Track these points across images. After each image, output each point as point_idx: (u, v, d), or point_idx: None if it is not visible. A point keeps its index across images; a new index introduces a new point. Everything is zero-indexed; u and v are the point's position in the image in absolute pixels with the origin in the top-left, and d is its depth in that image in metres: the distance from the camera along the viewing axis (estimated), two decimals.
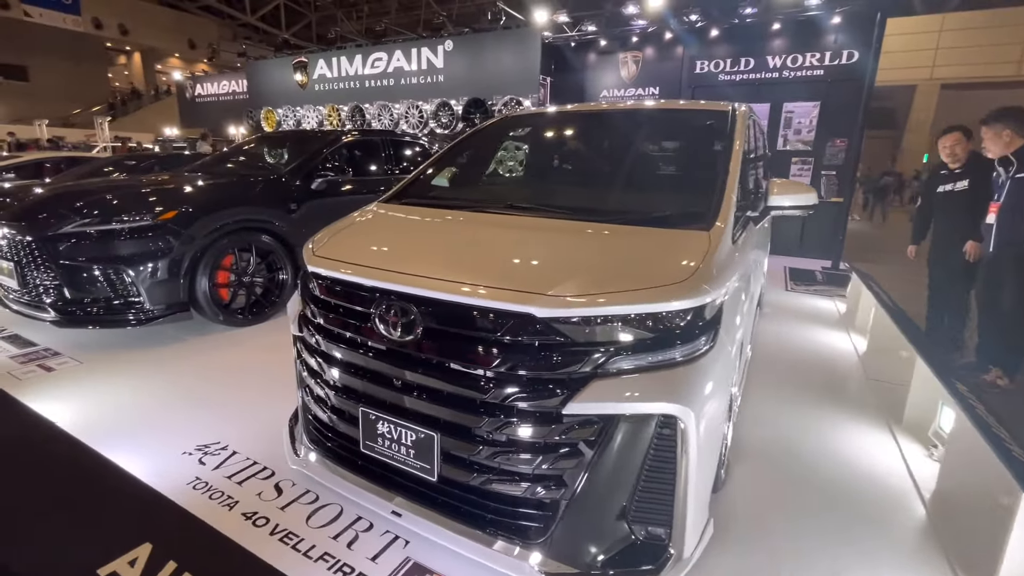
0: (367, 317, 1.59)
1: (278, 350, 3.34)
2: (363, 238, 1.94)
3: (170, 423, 2.40)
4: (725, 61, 8.09)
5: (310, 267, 1.78)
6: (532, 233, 1.78)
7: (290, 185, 4.06)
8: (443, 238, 1.84)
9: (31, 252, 3.15)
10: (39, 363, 3.02)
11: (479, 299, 1.39)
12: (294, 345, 2.15)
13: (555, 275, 1.43)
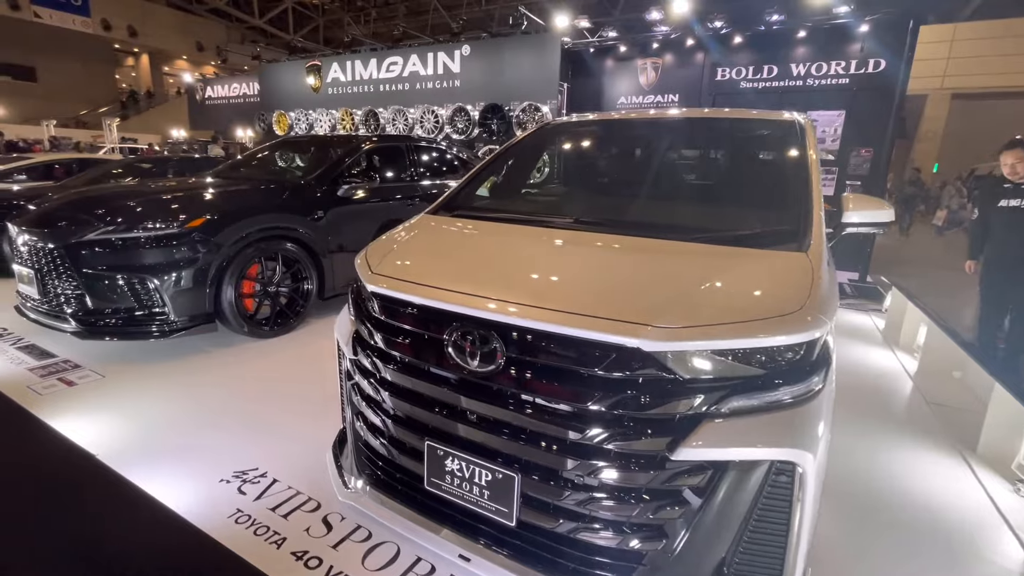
0: (439, 344, 1.45)
1: (307, 364, 3.21)
2: (427, 255, 1.81)
3: (202, 446, 2.26)
4: (747, 68, 7.98)
5: (370, 286, 1.65)
6: (614, 253, 1.64)
7: (316, 192, 3.93)
8: (516, 257, 1.70)
9: (53, 260, 3.03)
10: (59, 376, 2.89)
11: (577, 329, 1.25)
12: (339, 364, 2.03)
13: (658, 303, 1.30)
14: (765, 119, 2.41)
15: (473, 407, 1.42)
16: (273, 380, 2.97)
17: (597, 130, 2.81)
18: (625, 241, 1.70)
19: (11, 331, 3.54)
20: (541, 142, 2.97)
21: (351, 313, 1.85)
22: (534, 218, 2.03)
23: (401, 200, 4.66)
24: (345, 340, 1.80)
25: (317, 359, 3.28)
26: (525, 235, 1.87)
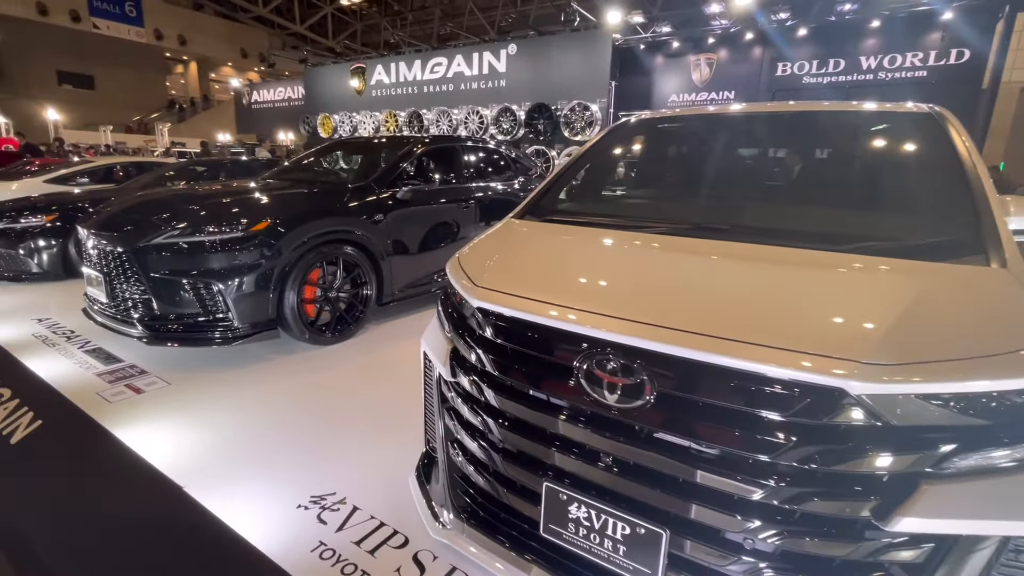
0: (566, 371, 1.25)
1: (374, 374, 3.07)
2: (537, 266, 1.61)
3: (274, 465, 2.13)
4: (811, 62, 7.54)
5: (476, 301, 1.46)
6: (766, 266, 1.40)
7: (376, 194, 3.81)
8: (647, 269, 1.48)
9: (121, 264, 2.99)
10: (127, 383, 2.83)
11: (758, 364, 1.02)
12: (425, 381, 1.86)
13: (857, 333, 1.06)
14: (897, 111, 2.11)
15: (609, 448, 1.21)
16: (340, 391, 2.84)
17: (697, 126, 2.56)
18: (769, 252, 1.46)
19: (79, 334, 3.55)
20: (623, 140, 2.74)
21: (445, 327, 1.67)
22: (644, 224, 1.81)
23: (458, 202, 4.51)
24: (440, 358, 1.62)
25: (383, 370, 3.14)
26: (644, 243, 1.65)
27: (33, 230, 4.83)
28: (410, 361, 3.30)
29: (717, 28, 7.48)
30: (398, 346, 3.57)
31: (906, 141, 2.04)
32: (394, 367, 3.21)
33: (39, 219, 4.86)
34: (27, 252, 4.82)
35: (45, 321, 3.80)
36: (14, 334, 3.50)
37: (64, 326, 3.71)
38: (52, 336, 3.51)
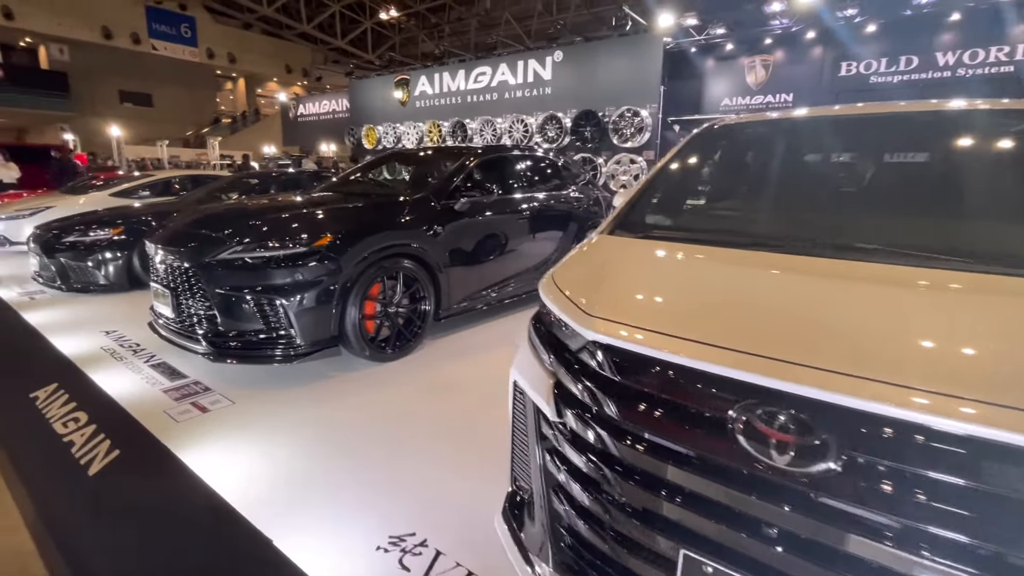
0: (718, 423, 1.06)
1: (440, 396, 2.93)
2: (659, 293, 1.42)
3: (346, 499, 2.01)
4: (879, 61, 7.08)
5: (594, 334, 1.28)
6: (960, 297, 1.16)
7: (434, 206, 3.71)
8: (800, 300, 1.26)
9: (188, 279, 2.97)
10: (193, 400, 2.79)
11: (1010, 433, 0.80)
12: (514, 413, 1.69)
13: None
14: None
15: (775, 519, 1.01)
16: (406, 414, 2.72)
17: (798, 130, 2.32)
18: (940, 277, 1.22)
19: (144, 347, 3.57)
20: (709, 148, 2.53)
21: (545, 358, 1.50)
22: (759, 241, 1.60)
23: (514, 212, 4.38)
24: (540, 392, 1.45)
25: (447, 390, 3.01)
26: (773, 266, 1.44)
27: (101, 243, 4.97)
28: (473, 381, 3.17)
29: (777, 28, 7.13)
30: (458, 364, 3.44)
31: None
32: (458, 387, 3.07)
33: (106, 232, 5.00)
34: (95, 264, 4.97)
35: (112, 334, 3.86)
36: (86, 346, 3.55)
37: (130, 339, 3.75)
38: (119, 349, 3.54)
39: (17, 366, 3.13)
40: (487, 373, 3.29)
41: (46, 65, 23.66)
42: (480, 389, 3.04)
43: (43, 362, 3.13)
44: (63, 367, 2.96)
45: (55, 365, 3.03)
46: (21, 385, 2.68)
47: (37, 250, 5.06)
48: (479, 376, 3.25)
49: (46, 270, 5.11)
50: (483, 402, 2.87)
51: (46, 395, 2.42)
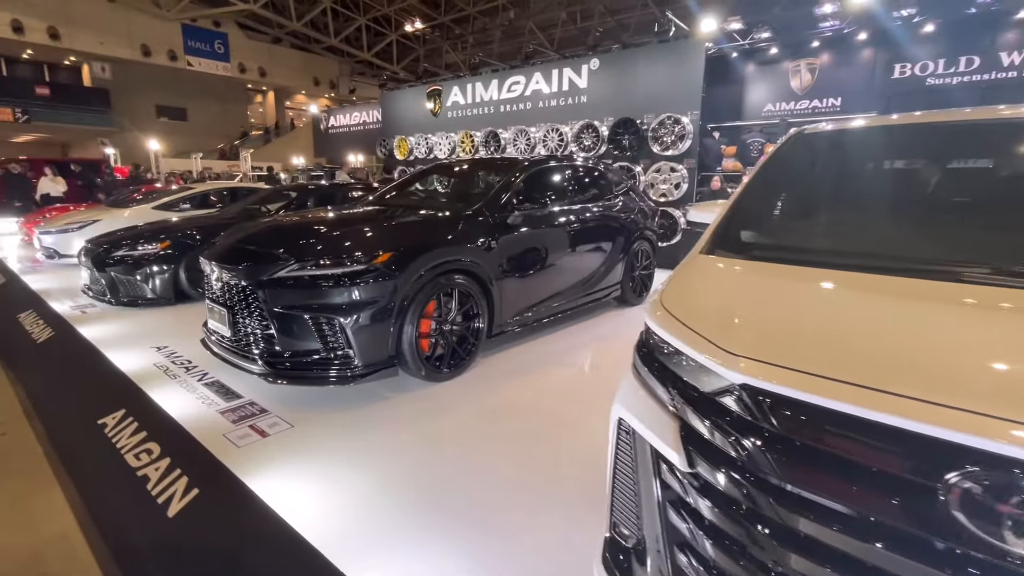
0: (926, 492, 0.89)
1: (502, 419, 2.80)
2: (811, 328, 1.25)
3: (421, 536, 1.88)
4: (936, 62, 6.76)
5: (741, 376, 1.13)
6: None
7: (489, 220, 3.60)
8: (986, 342, 1.08)
9: (245, 298, 2.91)
10: (251, 423, 2.71)
11: None
12: (617, 451, 1.55)
13: None
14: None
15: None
16: (473, 442, 2.59)
17: (909, 137, 2.13)
18: None
19: (196, 364, 3.53)
20: (802, 157, 2.35)
21: (665, 396, 1.35)
22: (910, 267, 1.42)
23: (566, 225, 4.25)
24: (662, 436, 1.29)
25: (508, 413, 2.87)
26: (937, 298, 1.27)
27: (149, 257, 5.01)
28: (531, 403, 3.02)
29: (827, 30, 6.88)
30: (513, 384, 3.30)
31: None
32: (517, 410, 2.93)
33: (154, 247, 5.04)
34: (143, 278, 5.00)
35: (164, 350, 3.84)
36: (140, 363, 3.53)
37: (181, 355, 3.72)
38: (172, 367, 3.51)
39: (82, 387, 3.10)
40: (543, 395, 3.15)
41: (89, 82, 24.64)
42: (540, 412, 2.90)
43: (105, 382, 3.10)
44: (127, 389, 2.92)
45: (118, 386, 2.99)
46: (88, 410, 2.64)
47: (88, 264, 5.13)
48: (536, 398, 3.11)
49: (96, 284, 5.17)
50: (547, 427, 2.73)
51: (114, 422, 2.37)
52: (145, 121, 25.78)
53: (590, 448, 2.50)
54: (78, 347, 3.67)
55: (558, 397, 3.12)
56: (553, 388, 3.27)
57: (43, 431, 2.59)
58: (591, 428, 2.71)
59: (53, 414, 2.77)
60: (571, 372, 3.58)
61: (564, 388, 3.27)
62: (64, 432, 2.54)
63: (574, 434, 2.65)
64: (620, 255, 4.95)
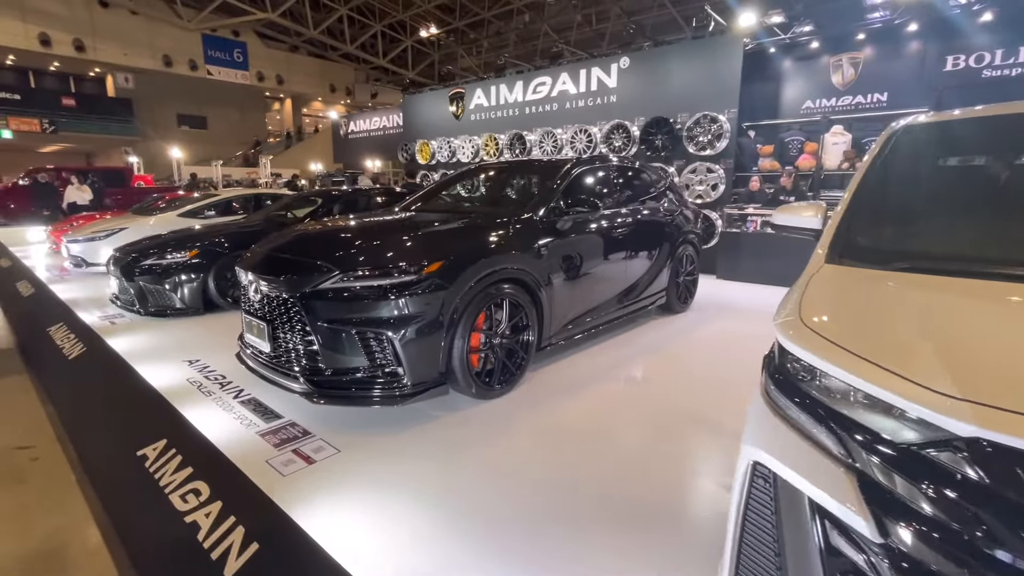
0: None
1: (559, 442, 2.56)
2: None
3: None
4: (993, 52, 6.38)
5: (978, 429, 0.88)
6: None
7: (538, 225, 3.37)
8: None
9: (288, 311, 2.71)
10: (295, 448, 2.51)
11: None
12: (744, 498, 1.30)
13: None
14: None
15: None
16: (532, 468, 2.35)
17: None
18: None
19: (231, 381, 3.35)
20: (919, 153, 2.07)
21: (828, 444, 1.10)
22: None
23: (615, 228, 4.01)
24: (835, 494, 1.04)
25: (568, 437, 2.63)
26: None
27: (177, 266, 4.87)
28: (588, 423, 2.77)
29: (877, 22, 6.54)
30: (567, 402, 3.06)
31: None
32: (576, 432, 2.69)
33: (183, 255, 4.90)
34: (172, 287, 4.87)
35: (196, 364, 3.67)
36: (172, 379, 3.36)
37: (215, 370, 3.54)
38: (206, 382, 3.33)
39: (117, 409, 2.92)
40: (599, 415, 2.91)
41: (113, 93, 25.06)
42: (600, 436, 2.66)
43: (141, 404, 2.91)
44: (164, 413, 2.71)
45: (155, 409, 2.80)
46: (126, 438, 2.44)
47: (117, 273, 5.01)
48: (591, 419, 2.86)
49: (125, 293, 5.05)
50: (611, 453, 2.48)
51: (155, 453, 2.17)
52: (167, 130, 26.15)
53: (666, 480, 2.24)
54: (111, 363, 3.51)
55: (615, 418, 2.87)
56: (608, 408, 3.02)
57: (78, 460, 2.42)
58: (659, 455, 2.46)
59: (88, 441, 2.58)
60: (623, 389, 3.33)
61: (619, 407, 3.02)
62: (101, 464, 2.34)
63: (642, 462, 2.40)
64: (666, 260, 4.69)
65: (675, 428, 2.74)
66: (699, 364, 3.75)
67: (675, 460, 2.41)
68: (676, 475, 2.29)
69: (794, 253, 6.36)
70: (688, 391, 3.24)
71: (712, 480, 2.27)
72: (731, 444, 2.52)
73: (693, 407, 2.99)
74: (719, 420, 2.81)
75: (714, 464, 2.42)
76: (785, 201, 7.14)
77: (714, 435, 2.67)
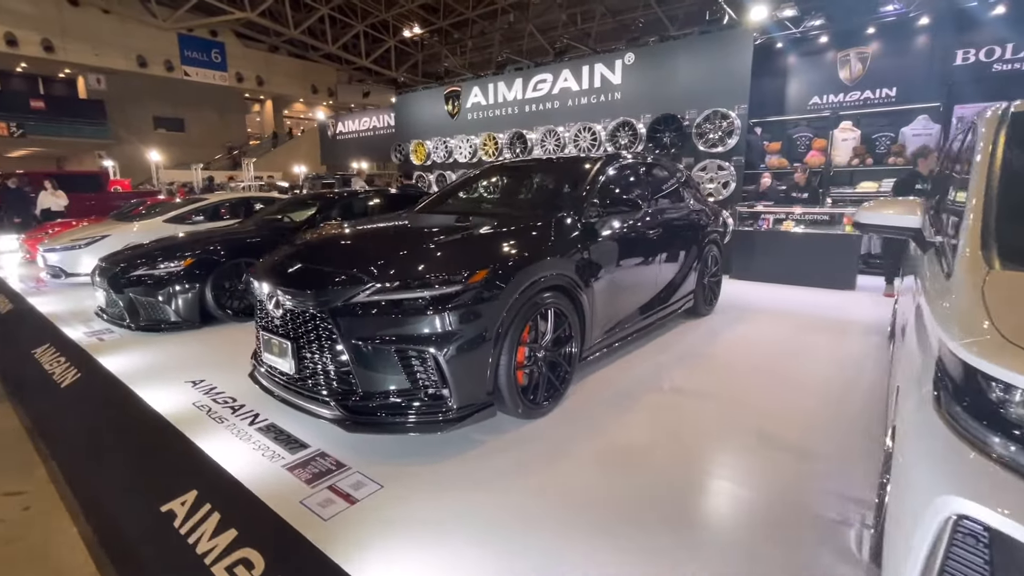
0: None
1: (623, 467, 2.32)
2: None
3: None
4: (1003, 47, 6.35)
5: None
6: None
7: (576, 226, 3.12)
8: None
9: (315, 328, 2.41)
10: (330, 484, 2.21)
11: None
12: (962, 564, 1.07)
13: None
14: None
15: None
16: (602, 498, 2.09)
17: None
18: None
19: (243, 404, 3.02)
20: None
21: None
22: None
23: (652, 229, 3.79)
24: None
25: (632, 456, 2.38)
26: None
27: (172, 276, 4.50)
28: (648, 441, 2.53)
29: (889, 15, 6.46)
30: (618, 417, 2.82)
31: None
32: (637, 452, 2.45)
33: (177, 264, 4.53)
34: (166, 299, 4.49)
35: (200, 385, 3.33)
36: (178, 404, 3.02)
37: (222, 391, 3.21)
38: (215, 407, 3.00)
39: (124, 448, 2.56)
40: (656, 430, 2.69)
41: (84, 94, 24.11)
42: (665, 455, 2.43)
43: (151, 439, 2.58)
44: (183, 451, 2.37)
45: (170, 445, 2.46)
46: (140, 486, 2.09)
47: (104, 285, 4.62)
48: (650, 434, 2.64)
49: (113, 306, 4.66)
50: (685, 475, 2.25)
51: (185, 510, 1.85)
52: (142, 132, 25.26)
53: (755, 508, 2.01)
54: (109, 389, 3.15)
55: (675, 434, 2.64)
56: (664, 422, 2.79)
57: (81, 511, 2.08)
58: (737, 473, 2.23)
59: (93, 487, 2.24)
60: (674, 400, 3.10)
61: (675, 421, 2.80)
62: (112, 519, 1.99)
63: (722, 486, 2.17)
64: (694, 260, 4.49)
65: (745, 444, 2.52)
66: (743, 370, 3.54)
67: (758, 485, 2.18)
68: (767, 506, 2.05)
69: (807, 253, 6.22)
70: (741, 401, 3.03)
71: (823, 510, 2.03)
72: (819, 468, 2.30)
73: (754, 419, 2.77)
74: (786, 435, 2.60)
75: (813, 492, 2.17)
76: (799, 199, 7.02)
77: (792, 453, 2.44)
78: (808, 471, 2.28)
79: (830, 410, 2.91)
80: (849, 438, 2.57)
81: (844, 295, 5.80)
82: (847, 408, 2.94)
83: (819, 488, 2.14)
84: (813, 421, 2.76)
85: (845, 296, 5.75)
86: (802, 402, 3.00)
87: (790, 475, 2.25)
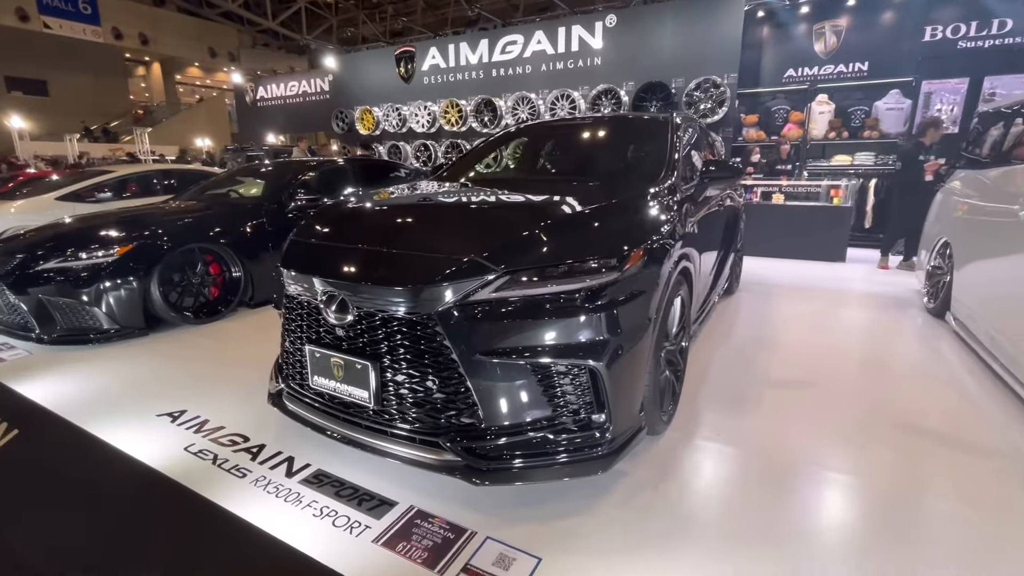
0: None
1: (793, 482, 1.84)
2: None
3: None
4: (967, 24, 6.63)
5: None
6: None
7: (675, 197, 2.55)
8: None
9: (415, 339, 1.65)
10: (466, 566, 1.51)
11: None
12: None
13: None
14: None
15: None
16: (806, 525, 1.61)
17: None
18: None
19: (262, 443, 2.15)
20: None
21: None
22: None
23: (715, 201, 3.33)
24: None
25: (796, 467, 1.92)
26: None
27: (100, 268, 3.35)
28: (813, 449, 2.03)
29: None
30: (745, 421, 2.36)
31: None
32: (818, 466, 2.00)
33: (109, 252, 3.38)
34: (92, 299, 3.34)
35: (182, 420, 2.39)
36: (164, 452, 2.09)
37: (221, 427, 2.32)
38: (222, 451, 2.12)
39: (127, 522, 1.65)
40: (802, 432, 2.26)
41: None
42: (842, 463, 2.00)
43: (171, 516, 1.70)
44: (237, 542, 1.56)
45: (215, 529, 1.62)
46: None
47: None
48: (802, 438, 2.21)
49: (12, 312, 3.40)
50: (888, 490, 1.84)
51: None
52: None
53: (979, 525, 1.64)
54: (68, 442, 2.14)
55: (827, 435, 2.24)
56: (797, 422, 2.38)
57: None
58: (937, 483, 1.86)
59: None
60: (788, 396, 2.70)
61: (810, 419, 2.40)
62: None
63: (938, 506, 1.79)
64: (735, 233, 4.15)
65: (903, 443, 2.17)
66: (818, 354, 3.24)
67: (974, 499, 1.82)
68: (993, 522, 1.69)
69: (800, 226, 6.08)
70: (850, 390, 2.71)
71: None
72: (967, 459, 1.98)
73: (883, 410, 2.45)
74: (935, 426, 2.29)
75: (988, 488, 1.85)
76: (783, 171, 6.99)
77: (960, 448, 2.12)
78: (998, 468, 1.96)
79: (949, 393, 2.66)
80: (994, 423, 2.31)
81: (838, 267, 5.84)
82: (964, 391, 2.70)
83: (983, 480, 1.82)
84: (938, 406, 2.49)
85: (841, 268, 5.78)
86: (906, 388, 2.74)
87: (989, 478, 1.92)
